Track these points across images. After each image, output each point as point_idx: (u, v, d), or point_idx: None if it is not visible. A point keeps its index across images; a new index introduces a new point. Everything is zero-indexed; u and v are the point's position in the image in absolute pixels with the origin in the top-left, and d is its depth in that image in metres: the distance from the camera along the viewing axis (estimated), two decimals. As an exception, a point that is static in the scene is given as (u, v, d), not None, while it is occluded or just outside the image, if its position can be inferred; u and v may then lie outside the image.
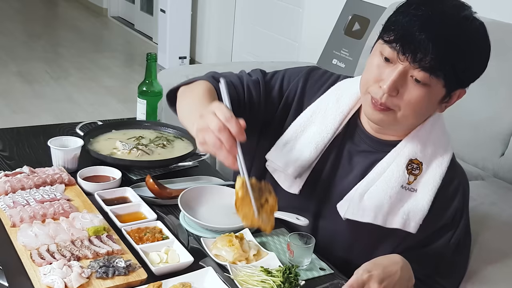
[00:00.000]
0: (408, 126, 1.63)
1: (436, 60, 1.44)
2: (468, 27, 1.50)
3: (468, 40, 1.49)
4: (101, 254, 1.52)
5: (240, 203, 1.52)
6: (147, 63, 2.35)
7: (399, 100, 1.52)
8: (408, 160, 1.62)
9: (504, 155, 2.62)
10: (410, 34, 1.45)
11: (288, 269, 1.48)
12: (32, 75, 5.89)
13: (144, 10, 7.84)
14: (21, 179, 1.83)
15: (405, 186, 1.62)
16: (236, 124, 1.37)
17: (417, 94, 1.50)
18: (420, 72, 1.47)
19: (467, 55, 1.49)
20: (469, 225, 1.73)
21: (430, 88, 1.50)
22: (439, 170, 1.62)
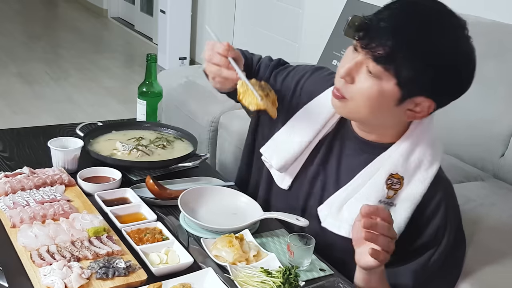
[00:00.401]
0: (370, 123, 1.60)
1: (389, 52, 1.42)
2: (441, 31, 1.46)
3: (436, 44, 1.44)
4: (101, 255, 1.52)
5: (242, 95, 1.61)
6: (147, 64, 2.35)
7: (352, 89, 1.52)
8: (388, 175, 1.59)
9: (504, 155, 2.63)
10: (373, 24, 1.46)
11: (288, 270, 1.48)
12: (32, 76, 5.89)
13: (144, 11, 7.84)
14: (21, 180, 1.83)
15: (383, 200, 1.59)
16: (220, 46, 1.62)
17: (368, 86, 1.48)
18: (372, 63, 1.45)
19: (431, 58, 1.43)
20: (460, 238, 1.67)
21: (381, 82, 1.47)
22: (420, 186, 1.58)
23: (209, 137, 3.20)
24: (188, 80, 3.55)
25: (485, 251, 1.95)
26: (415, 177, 1.59)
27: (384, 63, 1.44)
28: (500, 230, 2.09)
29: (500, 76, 2.63)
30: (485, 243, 2.00)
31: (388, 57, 1.43)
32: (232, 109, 3.18)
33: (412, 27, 1.44)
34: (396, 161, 1.59)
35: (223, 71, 1.63)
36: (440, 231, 1.60)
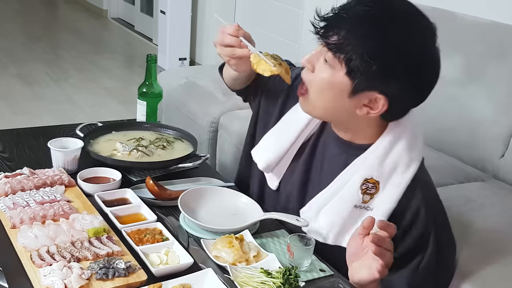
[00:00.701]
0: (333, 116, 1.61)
1: (341, 41, 1.45)
2: (403, 30, 1.45)
3: (391, 40, 1.44)
4: (101, 256, 1.52)
5: (256, 65, 1.64)
6: (147, 65, 2.35)
7: (312, 77, 1.55)
8: (363, 180, 1.58)
9: (504, 156, 2.63)
10: (334, 14, 1.49)
11: (288, 271, 1.48)
12: (32, 77, 5.89)
13: (144, 11, 7.83)
14: (21, 180, 1.83)
15: (359, 205, 1.60)
16: (230, 27, 1.68)
17: (323, 75, 1.52)
18: (328, 52, 1.48)
19: (384, 53, 1.43)
20: (447, 238, 1.66)
21: (334, 71, 1.49)
22: (396, 191, 1.57)
23: (209, 138, 3.20)
24: (188, 80, 3.55)
25: (485, 252, 1.95)
26: (390, 181, 1.58)
27: (336, 51, 1.47)
28: (501, 230, 2.09)
29: (500, 77, 2.64)
30: (486, 244, 2.00)
31: (340, 46, 1.45)
32: (232, 110, 3.18)
33: (370, 19, 1.45)
34: (371, 165, 1.58)
35: (236, 50, 1.68)
36: (424, 236, 1.59)
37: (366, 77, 1.46)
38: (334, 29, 1.47)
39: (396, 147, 1.58)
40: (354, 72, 1.46)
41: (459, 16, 2.96)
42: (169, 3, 6.00)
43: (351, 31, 1.45)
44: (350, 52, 1.44)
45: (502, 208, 2.26)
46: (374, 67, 1.43)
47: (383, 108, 1.51)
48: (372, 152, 1.59)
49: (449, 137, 2.80)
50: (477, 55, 2.75)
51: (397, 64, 1.45)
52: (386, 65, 1.44)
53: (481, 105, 2.67)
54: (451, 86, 2.78)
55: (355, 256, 1.50)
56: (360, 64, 1.44)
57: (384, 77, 1.46)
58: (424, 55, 1.48)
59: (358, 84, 1.48)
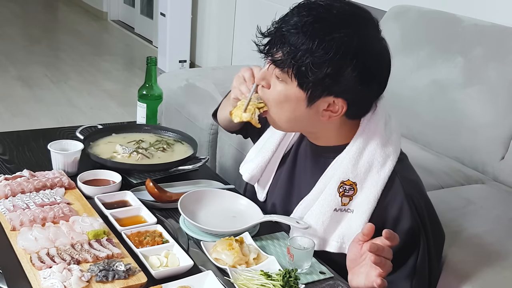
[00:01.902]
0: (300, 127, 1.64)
1: (285, 56, 1.47)
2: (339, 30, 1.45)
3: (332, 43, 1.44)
4: (101, 258, 1.52)
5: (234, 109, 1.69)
6: (147, 67, 2.35)
7: (268, 94, 1.58)
8: (339, 182, 1.59)
9: (504, 158, 2.63)
10: (275, 30, 1.52)
11: (288, 273, 1.48)
12: (32, 79, 5.89)
13: (144, 13, 7.84)
14: (21, 182, 1.83)
15: (339, 208, 1.60)
16: (247, 70, 1.74)
17: (276, 90, 1.55)
18: (276, 68, 1.51)
19: (327, 56, 1.44)
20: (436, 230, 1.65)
21: (286, 85, 1.52)
22: (373, 190, 1.57)
23: (209, 140, 3.20)
24: (188, 83, 3.55)
25: (485, 254, 1.95)
26: (367, 181, 1.58)
27: (283, 67, 1.49)
28: (500, 232, 2.09)
29: (500, 79, 2.63)
30: (486, 246, 2.00)
31: (285, 61, 1.48)
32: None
33: (308, 29, 1.46)
34: (346, 168, 1.59)
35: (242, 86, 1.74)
36: (415, 233, 1.57)
37: (317, 86, 1.48)
38: (276, 45, 1.50)
39: (369, 146, 1.59)
40: (305, 83, 1.49)
41: (460, 18, 2.96)
42: (169, 5, 6.00)
43: (292, 44, 1.46)
44: (295, 65, 1.47)
45: (502, 210, 2.26)
46: (322, 74, 1.45)
47: (343, 110, 1.53)
48: (346, 155, 1.60)
49: (449, 139, 2.80)
50: (477, 57, 2.75)
51: (344, 65, 1.46)
52: (333, 70, 1.45)
53: (481, 107, 2.67)
54: (451, 88, 2.79)
55: (354, 261, 1.50)
56: (308, 74, 1.46)
57: (334, 81, 1.47)
58: (369, 49, 1.49)
59: (311, 94, 1.50)
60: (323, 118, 1.55)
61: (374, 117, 1.60)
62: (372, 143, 1.59)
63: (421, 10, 3.16)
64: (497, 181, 2.62)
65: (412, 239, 1.58)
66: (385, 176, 1.57)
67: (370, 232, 1.45)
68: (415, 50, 2.98)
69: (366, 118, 1.60)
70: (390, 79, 1.66)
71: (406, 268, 1.59)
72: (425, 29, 3.07)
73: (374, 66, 1.51)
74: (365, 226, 1.47)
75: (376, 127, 1.59)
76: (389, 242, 1.42)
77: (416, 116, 2.89)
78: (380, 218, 1.57)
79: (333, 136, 1.63)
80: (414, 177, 1.64)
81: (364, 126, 1.60)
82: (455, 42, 2.89)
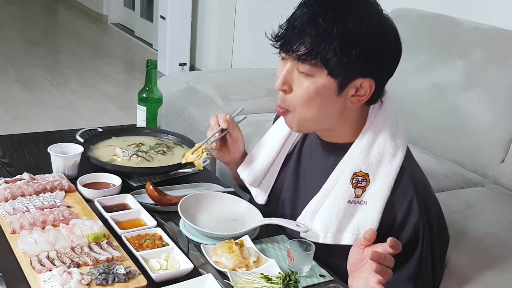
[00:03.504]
0: (326, 126, 1.63)
1: (309, 47, 1.47)
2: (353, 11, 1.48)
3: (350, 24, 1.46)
4: (101, 261, 1.52)
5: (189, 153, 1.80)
6: (147, 70, 2.35)
7: (292, 98, 1.56)
8: (352, 174, 1.59)
9: (504, 161, 2.63)
10: (289, 27, 1.51)
11: (288, 276, 1.48)
12: (32, 82, 5.89)
13: (144, 16, 7.84)
14: (21, 185, 1.83)
15: (353, 200, 1.60)
16: (221, 115, 1.86)
17: (305, 87, 1.52)
18: (300, 64, 1.50)
19: (349, 39, 1.46)
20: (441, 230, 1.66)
21: (315, 78, 1.51)
22: (386, 180, 1.57)
23: (209, 143, 3.20)
24: (188, 86, 3.55)
25: (485, 257, 1.95)
26: (379, 171, 1.59)
27: (310, 59, 1.48)
28: (500, 235, 2.09)
29: (500, 82, 2.64)
30: (486, 249, 2.00)
31: (310, 53, 1.48)
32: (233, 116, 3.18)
33: (324, 16, 1.47)
34: (358, 159, 1.60)
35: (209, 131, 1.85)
36: (419, 228, 1.57)
37: (346, 70, 1.49)
38: (297, 41, 1.49)
39: (379, 138, 1.60)
40: (335, 69, 1.49)
41: (460, 21, 2.96)
42: (169, 8, 6.01)
43: (313, 34, 1.47)
44: (323, 54, 1.47)
45: (502, 213, 2.26)
46: (352, 56, 1.47)
47: (371, 90, 1.54)
48: (357, 146, 1.61)
49: (450, 142, 2.80)
50: (477, 61, 2.75)
51: (370, 42, 1.48)
52: (361, 49, 1.47)
53: (481, 110, 2.67)
54: (451, 92, 2.79)
55: (354, 266, 1.50)
56: (337, 60, 1.47)
57: (361, 61, 1.49)
58: (386, 23, 1.53)
59: (342, 80, 1.50)
60: (353, 104, 1.56)
61: (382, 111, 1.62)
62: (381, 135, 1.60)
63: (421, 13, 3.16)
64: (497, 184, 2.62)
65: (417, 236, 1.58)
66: (397, 167, 1.58)
67: (372, 237, 1.45)
68: (415, 53, 2.98)
69: (374, 111, 1.62)
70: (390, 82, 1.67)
71: (409, 268, 1.59)
72: (425, 32, 3.08)
73: (393, 39, 1.55)
74: (367, 231, 1.47)
75: (384, 120, 1.61)
76: (392, 250, 1.42)
77: (416, 119, 2.89)
78: (391, 214, 1.58)
79: (345, 131, 1.63)
80: (423, 178, 1.65)
81: (372, 119, 1.62)
82: (455, 45, 2.89)
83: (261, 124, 2.83)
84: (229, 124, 1.83)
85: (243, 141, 1.89)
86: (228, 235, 1.68)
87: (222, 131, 1.83)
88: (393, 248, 1.42)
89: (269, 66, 4.55)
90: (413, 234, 1.57)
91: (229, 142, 1.86)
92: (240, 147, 1.88)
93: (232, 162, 1.91)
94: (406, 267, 1.59)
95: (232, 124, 1.84)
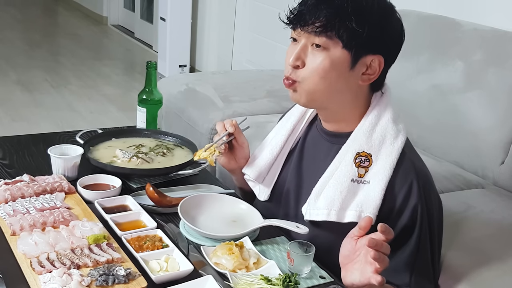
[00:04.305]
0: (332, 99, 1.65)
1: (325, 21, 1.53)
2: None
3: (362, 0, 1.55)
4: (101, 263, 1.52)
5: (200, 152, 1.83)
6: (147, 71, 2.35)
7: (305, 71, 1.61)
8: (355, 154, 1.63)
9: (504, 163, 2.63)
10: (302, 5, 1.58)
11: (288, 277, 1.48)
12: (32, 84, 5.89)
13: (144, 18, 7.84)
14: (21, 187, 1.83)
15: (356, 179, 1.62)
16: (227, 121, 1.86)
17: (319, 61, 1.58)
18: (316, 37, 1.56)
19: (363, 14, 1.53)
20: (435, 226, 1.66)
21: (329, 51, 1.57)
22: (388, 159, 1.60)
23: (209, 145, 3.20)
24: (188, 87, 3.55)
25: (485, 258, 1.95)
26: (381, 151, 1.62)
27: (326, 32, 1.54)
28: (500, 237, 2.09)
29: (500, 84, 2.64)
30: (485, 250, 2.00)
31: (327, 26, 1.54)
32: (232, 117, 3.18)
33: None
34: (360, 140, 1.64)
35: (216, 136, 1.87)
36: (417, 212, 1.59)
37: (360, 42, 1.55)
38: (312, 16, 1.55)
39: (381, 121, 1.65)
40: (349, 42, 1.55)
41: (460, 23, 2.96)
42: (169, 10, 6.01)
43: (328, 8, 1.54)
44: (338, 27, 1.53)
45: (502, 215, 2.26)
46: (363, 30, 1.53)
47: (380, 68, 1.61)
48: (360, 129, 1.65)
49: (449, 143, 2.80)
50: (477, 62, 2.75)
51: (384, 16, 1.58)
52: (370, 24, 1.54)
53: (481, 112, 2.67)
54: (451, 93, 2.79)
55: (347, 258, 1.50)
56: (351, 33, 1.54)
57: (376, 36, 1.56)
58: (390, 6, 1.63)
59: (355, 52, 1.57)
60: (363, 82, 1.62)
61: (384, 99, 1.67)
62: (383, 118, 1.65)
63: (421, 15, 3.16)
64: (497, 186, 2.62)
65: (415, 220, 1.59)
66: (398, 148, 1.62)
67: (367, 224, 1.47)
68: (415, 54, 2.99)
69: (376, 99, 1.67)
70: (390, 83, 1.68)
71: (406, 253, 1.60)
72: (425, 33, 3.08)
73: (398, 21, 1.63)
74: (362, 219, 1.49)
75: (386, 106, 1.67)
76: (384, 236, 1.42)
77: (416, 121, 2.89)
78: (391, 197, 1.60)
79: (350, 117, 1.68)
80: (425, 169, 1.68)
81: (375, 104, 1.67)
82: (455, 46, 2.89)
83: (261, 126, 2.83)
84: (235, 128, 1.85)
85: (249, 148, 1.91)
86: (228, 237, 1.68)
87: (229, 135, 1.85)
88: (384, 233, 1.42)
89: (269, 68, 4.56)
90: (411, 218, 1.59)
91: (235, 148, 1.88)
92: (246, 153, 1.90)
93: (238, 170, 1.93)
94: (403, 252, 1.60)
95: (238, 129, 1.86)
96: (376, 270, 1.42)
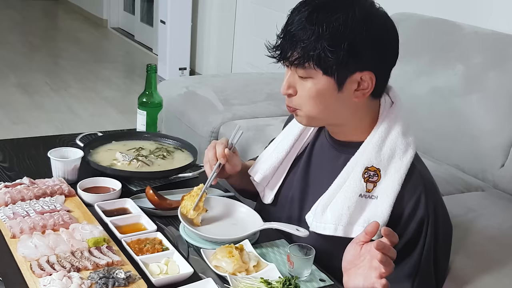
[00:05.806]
0: (332, 119, 1.66)
1: (301, 52, 1.53)
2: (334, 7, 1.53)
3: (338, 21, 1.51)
4: (101, 265, 1.52)
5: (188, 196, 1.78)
6: (147, 74, 2.35)
7: (298, 99, 1.62)
8: (364, 169, 1.62)
9: (504, 166, 2.63)
10: (282, 37, 1.59)
11: (288, 280, 1.48)
12: (32, 87, 5.89)
13: (144, 21, 7.85)
14: (21, 190, 1.83)
15: (364, 194, 1.61)
16: (218, 149, 1.83)
17: (306, 89, 1.58)
18: (298, 69, 1.56)
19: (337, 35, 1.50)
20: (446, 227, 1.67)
21: (314, 80, 1.56)
22: (397, 175, 1.60)
23: (209, 147, 3.20)
24: (188, 90, 3.55)
25: (485, 261, 1.95)
26: (390, 167, 1.61)
27: (303, 63, 1.54)
28: (501, 240, 2.09)
29: (500, 87, 2.64)
30: (486, 253, 2.00)
31: (304, 57, 1.53)
32: (232, 120, 3.19)
33: (311, 19, 1.53)
34: (370, 154, 1.62)
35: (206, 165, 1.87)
36: (423, 224, 1.59)
37: (341, 65, 1.53)
38: (289, 48, 1.55)
39: (391, 135, 1.63)
40: (329, 68, 1.53)
41: (460, 26, 2.96)
42: (169, 13, 6.01)
43: (303, 39, 1.52)
44: (314, 56, 1.52)
45: (502, 218, 2.26)
46: (341, 52, 1.51)
47: (373, 82, 1.58)
48: (369, 144, 1.64)
49: (450, 146, 2.79)
50: (478, 65, 2.75)
51: (356, 36, 1.52)
52: (349, 45, 1.51)
53: (481, 115, 2.67)
54: (451, 96, 2.79)
55: (351, 263, 1.50)
56: (328, 58, 1.51)
57: (355, 55, 1.53)
58: (373, 16, 1.56)
59: (338, 77, 1.55)
60: (358, 99, 1.59)
61: (393, 109, 1.66)
62: (393, 132, 1.63)
63: (421, 18, 3.16)
64: (497, 189, 2.62)
65: (420, 232, 1.59)
66: (407, 163, 1.61)
67: (374, 230, 1.46)
68: (415, 57, 2.99)
69: (386, 110, 1.66)
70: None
71: (409, 264, 1.60)
72: (425, 36, 3.08)
73: (382, 31, 1.58)
74: (369, 224, 1.48)
75: (396, 118, 1.65)
76: (388, 240, 1.42)
77: (416, 124, 2.88)
78: (400, 210, 1.59)
79: (357, 129, 1.66)
80: (431, 178, 1.67)
81: (384, 117, 1.65)
82: (455, 49, 2.89)
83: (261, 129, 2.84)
84: (227, 157, 1.83)
85: (241, 161, 1.91)
86: (228, 240, 1.68)
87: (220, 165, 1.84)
88: (388, 237, 1.43)
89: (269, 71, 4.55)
90: (417, 230, 1.59)
91: (227, 168, 1.87)
92: (238, 168, 1.89)
93: (233, 176, 1.93)
94: (406, 263, 1.60)
95: (230, 156, 1.85)
96: (381, 275, 1.41)
